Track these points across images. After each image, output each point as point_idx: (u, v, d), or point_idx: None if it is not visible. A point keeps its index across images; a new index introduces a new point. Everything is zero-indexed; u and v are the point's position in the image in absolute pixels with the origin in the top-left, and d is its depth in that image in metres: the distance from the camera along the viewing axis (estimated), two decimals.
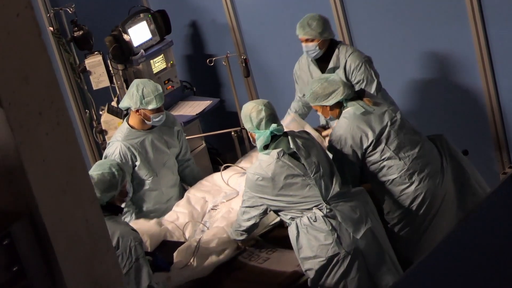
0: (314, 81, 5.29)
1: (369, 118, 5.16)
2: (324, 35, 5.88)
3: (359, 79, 5.86)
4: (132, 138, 5.64)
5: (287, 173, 4.83)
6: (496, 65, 6.26)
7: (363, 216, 4.91)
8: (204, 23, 7.80)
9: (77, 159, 3.08)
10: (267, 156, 4.87)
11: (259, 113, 4.91)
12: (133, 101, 5.53)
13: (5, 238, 2.92)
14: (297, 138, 4.93)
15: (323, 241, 4.84)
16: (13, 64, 2.85)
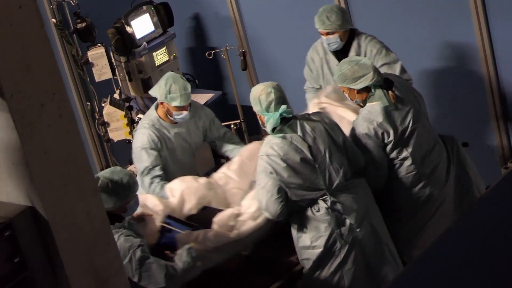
0: (344, 62, 5.20)
1: (392, 115, 5.11)
2: (345, 26, 5.84)
3: (382, 62, 5.81)
4: (159, 127, 5.63)
5: (300, 156, 4.81)
6: (498, 59, 6.26)
7: (364, 208, 4.92)
8: (207, 16, 7.79)
9: (79, 151, 3.08)
10: (278, 138, 4.84)
11: (268, 96, 4.89)
12: (159, 93, 5.54)
13: (7, 229, 2.92)
14: (307, 123, 4.89)
15: (323, 232, 4.86)
16: (15, 56, 2.85)
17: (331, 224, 4.84)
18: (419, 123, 5.17)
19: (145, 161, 5.56)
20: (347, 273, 4.89)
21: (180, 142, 5.73)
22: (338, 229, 4.85)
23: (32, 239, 3.00)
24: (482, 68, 6.34)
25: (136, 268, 4.55)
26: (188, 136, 5.77)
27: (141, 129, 5.67)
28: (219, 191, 5.35)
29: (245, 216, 5.02)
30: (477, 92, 6.45)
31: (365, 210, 4.93)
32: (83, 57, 6.87)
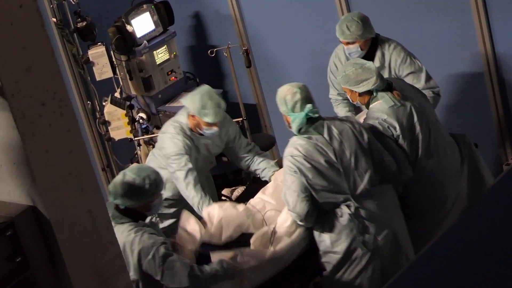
0: (349, 64, 5.20)
1: (397, 111, 5.08)
2: (365, 35, 5.76)
3: (407, 71, 5.76)
4: (188, 135, 5.57)
5: (324, 159, 4.77)
6: (499, 55, 6.26)
7: (388, 216, 4.87)
8: (208, 14, 7.79)
9: (80, 150, 3.08)
10: (303, 139, 4.81)
11: (294, 96, 4.88)
12: (193, 106, 5.45)
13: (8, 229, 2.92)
14: (334, 126, 4.86)
15: (344, 238, 4.81)
16: (16, 55, 2.85)
17: (353, 231, 4.80)
18: (425, 118, 5.16)
19: (182, 163, 5.48)
20: (367, 280, 4.85)
21: (205, 153, 5.70)
22: (361, 236, 4.80)
23: (33, 239, 3.00)
24: (483, 65, 6.33)
25: (159, 265, 4.50)
26: (212, 146, 5.75)
27: (173, 134, 5.55)
28: (257, 216, 5.29)
29: (280, 231, 4.96)
30: (478, 88, 6.45)
31: (389, 218, 4.87)
32: (84, 56, 6.87)
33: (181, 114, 5.66)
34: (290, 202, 4.82)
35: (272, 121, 7.74)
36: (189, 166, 5.48)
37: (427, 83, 5.72)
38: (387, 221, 4.86)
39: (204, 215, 5.23)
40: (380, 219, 4.83)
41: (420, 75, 5.75)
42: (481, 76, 6.39)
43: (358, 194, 4.81)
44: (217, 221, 5.14)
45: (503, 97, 6.37)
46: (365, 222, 4.81)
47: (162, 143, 5.60)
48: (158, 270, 4.50)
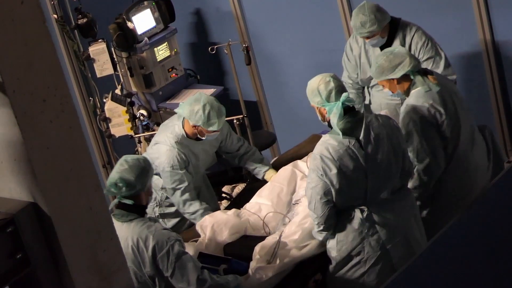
0: (379, 56, 5.10)
1: (443, 95, 5.00)
2: (381, 25, 5.72)
3: (427, 56, 5.73)
4: (185, 144, 5.55)
5: (354, 164, 4.60)
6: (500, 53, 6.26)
7: (403, 223, 4.76)
8: (208, 11, 7.78)
9: (81, 146, 3.08)
10: (337, 139, 4.61)
11: (327, 84, 4.71)
12: (195, 118, 5.39)
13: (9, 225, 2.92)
14: (373, 129, 4.64)
15: (350, 241, 4.74)
16: (17, 52, 2.85)
17: (360, 235, 4.71)
18: (463, 106, 5.12)
19: (177, 180, 5.49)
20: (369, 284, 4.82)
21: (203, 156, 5.69)
22: (369, 239, 4.72)
23: (34, 235, 3.00)
24: (484, 62, 6.33)
25: (172, 262, 4.43)
26: (209, 148, 5.75)
27: (168, 146, 5.50)
28: (252, 218, 5.27)
29: (289, 244, 4.90)
30: (479, 87, 6.44)
31: (403, 225, 4.77)
32: (85, 52, 6.87)
33: (176, 124, 5.60)
34: (311, 203, 4.73)
35: (272, 118, 7.73)
36: (185, 183, 5.49)
37: (446, 69, 5.70)
38: (400, 228, 4.75)
39: (197, 229, 5.25)
40: (392, 226, 4.73)
41: (440, 61, 5.73)
42: (482, 74, 6.39)
43: (375, 200, 4.71)
44: (209, 229, 5.16)
45: (504, 94, 6.37)
46: (376, 227, 4.71)
47: (157, 153, 5.55)
48: (170, 266, 4.44)
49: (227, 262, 4.74)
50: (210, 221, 5.22)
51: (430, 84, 5.01)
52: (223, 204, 6.19)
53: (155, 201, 5.72)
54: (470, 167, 5.18)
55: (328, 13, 6.61)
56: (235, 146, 5.87)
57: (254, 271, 4.77)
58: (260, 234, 5.18)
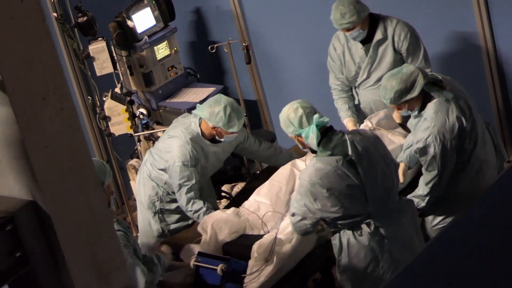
0: (389, 80, 4.99)
1: (459, 103, 4.97)
2: (361, 16, 5.77)
3: (410, 47, 5.80)
4: (199, 143, 5.56)
5: (345, 183, 4.51)
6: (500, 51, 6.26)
7: (408, 235, 4.72)
8: (208, 10, 7.78)
9: (80, 145, 3.08)
10: (324, 162, 4.52)
11: (296, 111, 4.66)
12: (215, 119, 5.40)
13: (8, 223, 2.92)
14: (358, 143, 4.55)
15: (363, 258, 4.66)
16: (17, 50, 2.84)
17: (372, 250, 4.65)
18: (476, 109, 5.12)
19: (186, 177, 5.49)
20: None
21: (213, 159, 5.69)
22: (381, 255, 4.66)
23: (34, 234, 3.00)
24: (483, 61, 6.34)
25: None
26: (221, 154, 5.75)
27: (182, 142, 5.50)
28: (251, 217, 5.28)
29: (283, 239, 4.90)
30: (479, 85, 6.44)
31: (408, 237, 4.73)
32: (84, 51, 6.86)
33: (192, 121, 5.59)
34: (294, 218, 4.71)
35: (272, 117, 7.73)
36: (193, 181, 5.49)
37: (423, 63, 5.77)
38: (406, 241, 4.70)
39: (199, 230, 5.25)
40: (399, 238, 4.68)
41: (419, 54, 5.80)
42: (482, 73, 6.39)
43: (379, 212, 4.63)
44: (210, 229, 5.16)
45: (503, 94, 6.37)
46: (384, 242, 4.65)
47: (169, 147, 5.56)
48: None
49: (226, 261, 4.74)
50: (209, 221, 5.23)
51: (444, 92, 4.97)
52: (223, 203, 6.20)
53: (157, 195, 5.72)
54: (483, 166, 5.18)
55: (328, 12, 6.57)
56: (256, 146, 5.89)
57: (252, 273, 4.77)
58: (259, 233, 5.19)
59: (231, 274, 4.73)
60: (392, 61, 5.88)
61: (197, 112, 5.51)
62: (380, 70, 5.95)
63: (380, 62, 5.95)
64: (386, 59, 5.91)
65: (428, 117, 4.99)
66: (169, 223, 5.76)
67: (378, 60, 5.94)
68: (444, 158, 4.98)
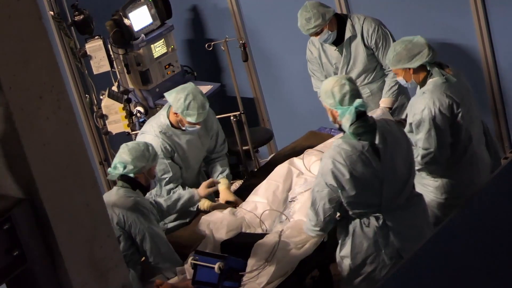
0: (397, 43, 5.06)
1: (458, 88, 4.98)
2: (326, 18, 5.82)
3: (377, 40, 5.84)
4: (170, 134, 5.59)
5: (367, 170, 4.52)
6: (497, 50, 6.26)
7: (417, 230, 4.69)
8: (205, 8, 7.78)
9: (77, 143, 3.08)
10: (350, 144, 4.52)
11: (342, 87, 4.56)
12: (177, 104, 5.46)
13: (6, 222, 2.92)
14: (387, 134, 4.57)
15: (364, 249, 4.67)
16: (13, 48, 2.84)
17: (375, 243, 4.64)
18: (474, 102, 5.12)
19: (161, 170, 5.55)
20: None
21: (192, 149, 5.69)
22: (384, 248, 4.66)
23: (31, 232, 3.00)
24: (481, 60, 6.34)
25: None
26: (199, 142, 5.75)
27: (151, 136, 5.55)
28: (248, 216, 5.27)
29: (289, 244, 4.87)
30: (476, 83, 6.44)
31: (417, 232, 4.69)
32: (81, 49, 6.86)
33: (161, 114, 5.67)
34: (314, 206, 4.68)
35: (269, 115, 7.73)
36: (170, 173, 5.58)
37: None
38: (414, 235, 4.66)
39: (197, 231, 5.27)
40: (407, 233, 4.66)
41: (390, 44, 5.81)
42: (479, 69, 6.39)
43: (391, 206, 4.63)
44: (207, 229, 5.17)
45: (500, 91, 6.37)
46: (390, 236, 4.64)
47: None
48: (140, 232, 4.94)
49: (224, 259, 4.74)
50: (206, 220, 5.23)
51: (447, 75, 4.98)
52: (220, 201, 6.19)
53: (151, 194, 5.74)
54: (479, 163, 5.18)
55: None
56: (211, 148, 5.91)
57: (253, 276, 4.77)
58: (255, 231, 5.18)
59: (228, 272, 4.73)
60: (365, 56, 5.93)
61: (166, 94, 5.59)
62: (356, 68, 6.01)
63: (354, 60, 6.00)
64: (360, 56, 5.98)
65: (426, 91, 5.00)
66: (166, 222, 5.77)
67: (353, 59, 5.99)
68: (439, 133, 4.98)
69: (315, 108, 6.22)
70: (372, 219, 4.63)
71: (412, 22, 6.53)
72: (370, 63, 6.00)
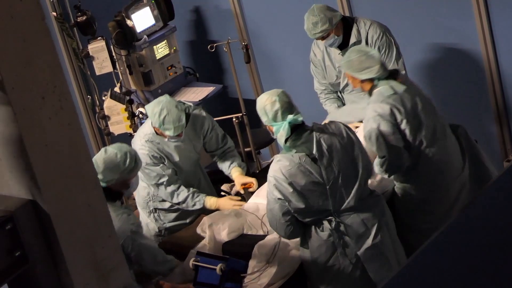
0: (353, 50, 5.14)
1: (402, 96, 5.03)
2: (333, 22, 5.80)
3: (380, 48, 5.82)
4: (156, 142, 5.56)
5: (308, 180, 4.60)
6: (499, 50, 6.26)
7: (372, 230, 4.75)
8: (208, 9, 7.78)
9: (80, 144, 3.08)
10: (288, 159, 4.62)
11: (273, 105, 4.69)
12: (154, 119, 5.43)
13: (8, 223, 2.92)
14: (324, 140, 4.65)
15: (323, 252, 4.74)
16: (16, 49, 2.84)
17: (332, 245, 4.72)
18: (429, 107, 5.15)
19: (157, 176, 5.54)
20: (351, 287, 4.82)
21: (182, 153, 5.67)
22: (342, 249, 4.73)
23: (33, 232, 3.00)
24: (483, 60, 6.33)
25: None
26: (190, 145, 5.73)
27: (139, 146, 5.54)
28: (250, 217, 5.28)
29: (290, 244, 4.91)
30: (478, 84, 6.44)
31: (373, 233, 4.75)
32: (84, 50, 6.86)
33: (147, 123, 5.65)
34: (272, 225, 4.78)
35: None
36: (166, 177, 5.54)
37: (397, 61, 5.83)
38: (368, 236, 4.75)
39: (198, 231, 5.26)
40: (361, 233, 4.73)
41: (392, 55, 5.84)
42: (481, 71, 6.39)
43: (341, 209, 4.71)
44: (208, 229, 5.16)
45: (503, 93, 6.37)
46: (345, 237, 4.72)
47: None
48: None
49: (225, 261, 4.75)
50: (208, 221, 5.23)
51: (394, 86, 5.05)
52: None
53: (148, 195, 5.74)
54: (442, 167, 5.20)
55: None
56: (213, 146, 5.87)
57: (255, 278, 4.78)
58: (257, 232, 5.19)
59: (230, 273, 4.73)
60: None
61: (146, 107, 5.56)
62: None
63: None
64: None
65: (370, 102, 5.10)
66: (165, 222, 5.77)
67: None
68: (388, 139, 5.04)
69: (317, 109, 6.21)
70: (325, 223, 4.71)
71: (414, 25, 6.53)
72: None
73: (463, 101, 6.58)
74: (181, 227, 5.71)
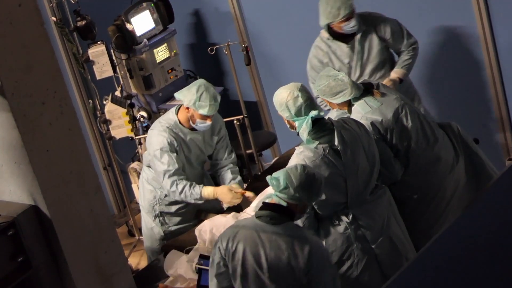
0: (322, 77, 5.16)
1: (377, 110, 5.08)
2: (352, 6, 5.82)
3: (390, 30, 5.90)
4: (176, 131, 5.58)
5: (331, 171, 4.62)
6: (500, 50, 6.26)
7: (384, 223, 4.79)
8: (207, 12, 7.78)
9: (81, 149, 3.08)
10: (312, 150, 4.63)
11: (296, 100, 4.73)
12: (188, 98, 5.45)
13: (10, 228, 2.92)
14: (345, 133, 4.70)
15: (339, 246, 4.73)
16: (16, 54, 2.84)
17: (348, 238, 4.72)
18: (412, 109, 5.17)
19: (166, 163, 5.50)
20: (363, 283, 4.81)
21: (195, 149, 5.68)
22: (357, 243, 4.73)
23: (35, 238, 3.00)
24: (484, 59, 6.33)
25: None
26: (203, 144, 5.74)
27: (159, 131, 5.55)
28: None
29: None
30: (479, 83, 6.44)
31: (384, 224, 4.79)
32: (84, 55, 6.86)
33: (170, 112, 5.68)
34: None
35: (273, 119, 7.73)
36: (175, 166, 5.48)
37: (409, 39, 5.93)
38: (382, 228, 4.78)
39: (196, 233, 5.25)
40: (375, 226, 4.76)
41: (402, 33, 5.91)
42: (483, 70, 6.39)
43: (356, 202, 4.74)
44: (208, 233, 5.15)
45: (504, 91, 6.37)
46: (361, 230, 4.74)
47: (149, 140, 5.63)
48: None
49: None
50: (209, 225, 5.23)
51: (371, 103, 5.09)
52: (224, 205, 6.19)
53: (155, 199, 5.74)
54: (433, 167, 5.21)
55: None
56: (221, 155, 5.87)
57: None
58: None
59: None
60: (379, 49, 5.95)
61: (176, 94, 5.58)
62: (372, 62, 6.00)
63: (369, 53, 6.00)
64: (374, 49, 5.98)
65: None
66: (170, 225, 5.77)
67: (367, 53, 5.99)
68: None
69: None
70: (342, 216, 4.72)
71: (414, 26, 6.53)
72: (382, 55, 6.01)
73: (464, 99, 6.57)
74: (186, 230, 5.71)
